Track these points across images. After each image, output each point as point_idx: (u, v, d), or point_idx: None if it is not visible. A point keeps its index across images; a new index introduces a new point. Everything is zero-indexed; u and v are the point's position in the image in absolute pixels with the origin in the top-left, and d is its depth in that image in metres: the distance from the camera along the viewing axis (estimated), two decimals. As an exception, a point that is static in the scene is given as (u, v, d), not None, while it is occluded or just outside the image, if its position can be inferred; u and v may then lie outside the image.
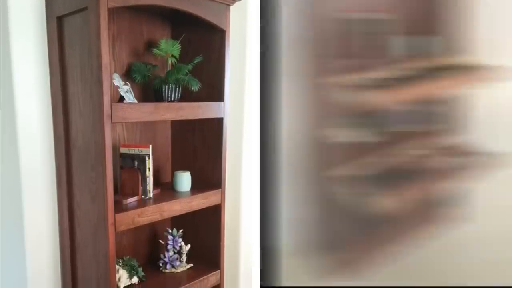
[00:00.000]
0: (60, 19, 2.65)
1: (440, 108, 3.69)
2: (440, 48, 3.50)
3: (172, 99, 3.02)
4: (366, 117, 3.39)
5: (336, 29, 3.14)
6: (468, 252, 3.46)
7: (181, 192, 3.15)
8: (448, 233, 3.66)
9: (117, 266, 2.90)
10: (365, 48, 3.31)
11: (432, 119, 3.69)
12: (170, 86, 2.99)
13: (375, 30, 3.30)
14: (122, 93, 2.81)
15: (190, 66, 3.04)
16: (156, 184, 3.16)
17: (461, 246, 3.53)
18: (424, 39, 3.51)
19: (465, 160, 3.42)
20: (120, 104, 2.59)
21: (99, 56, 2.39)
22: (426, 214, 3.65)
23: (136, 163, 2.97)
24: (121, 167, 3.00)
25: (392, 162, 3.42)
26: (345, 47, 3.28)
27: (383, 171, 3.31)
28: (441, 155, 3.53)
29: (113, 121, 2.48)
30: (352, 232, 3.37)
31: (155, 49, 3.01)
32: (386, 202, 2.91)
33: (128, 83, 2.89)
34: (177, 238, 3.25)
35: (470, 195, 3.76)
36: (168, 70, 3.06)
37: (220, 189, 3.21)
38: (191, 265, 3.30)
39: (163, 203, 2.88)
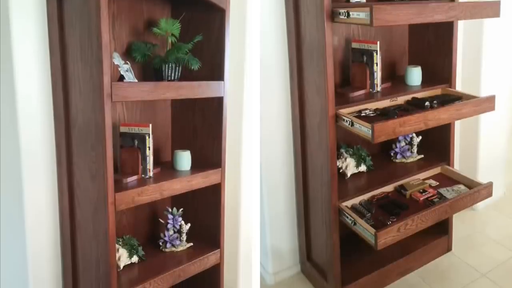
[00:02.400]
0: (60, -2, 2.64)
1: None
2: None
3: (172, 78, 3.02)
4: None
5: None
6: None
7: (181, 171, 3.16)
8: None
9: (117, 245, 2.91)
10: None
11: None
12: (170, 65, 2.99)
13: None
14: (122, 72, 2.81)
15: (190, 45, 3.04)
16: (156, 163, 3.16)
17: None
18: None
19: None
20: (120, 83, 2.59)
21: (99, 35, 2.38)
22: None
23: (136, 142, 2.97)
24: (121, 146, 3.01)
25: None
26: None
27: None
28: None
29: (113, 100, 2.48)
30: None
31: (155, 28, 3.01)
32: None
33: (128, 62, 2.88)
34: (177, 217, 3.25)
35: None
36: (168, 49, 3.05)
37: (220, 168, 3.22)
38: (191, 244, 3.31)
39: (163, 182, 2.89)
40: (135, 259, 3.03)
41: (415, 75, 3.52)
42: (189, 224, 3.28)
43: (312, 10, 2.92)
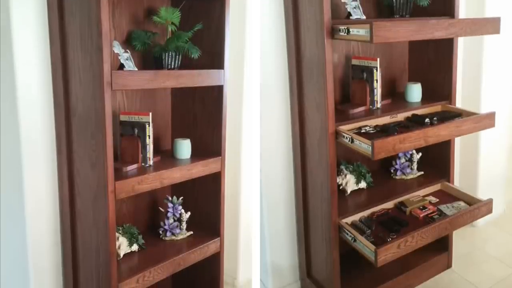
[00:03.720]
0: (59, -14, 2.64)
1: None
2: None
3: (172, 66, 3.02)
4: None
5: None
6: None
7: (181, 159, 3.16)
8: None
9: (117, 234, 2.91)
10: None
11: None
12: (170, 54, 2.99)
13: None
14: (122, 61, 2.81)
15: (190, 34, 3.04)
16: (156, 151, 3.16)
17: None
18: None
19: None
20: (120, 71, 2.59)
21: (99, 23, 2.38)
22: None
23: (136, 130, 2.97)
24: (121, 135, 3.01)
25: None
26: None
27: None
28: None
29: (113, 89, 2.48)
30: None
31: (155, 17, 3.00)
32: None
33: (128, 51, 2.88)
34: (177, 205, 3.26)
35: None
36: (168, 37, 3.05)
37: (220, 157, 3.22)
38: (191, 232, 3.31)
39: (163, 171, 2.89)
40: (135, 247, 3.04)
41: (415, 92, 3.51)
42: (189, 213, 3.29)
43: (312, 27, 2.91)
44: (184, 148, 3.18)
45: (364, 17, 3.20)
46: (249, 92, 3.58)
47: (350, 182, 3.41)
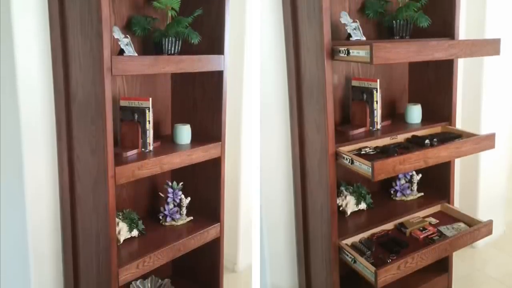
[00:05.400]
0: (59, -28, 2.63)
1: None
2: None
3: (172, 52, 3.02)
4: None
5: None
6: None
7: (181, 145, 3.16)
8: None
9: (117, 219, 2.92)
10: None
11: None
12: (170, 39, 2.98)
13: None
14: (122, 46, 2.81)
15: (190, 19, 3.03)
16: (156, 137, 3.16)
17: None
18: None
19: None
20: (120, 57, 2.59)
21: (99, 9, 2.38)
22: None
23: (136, 116, 2.97)
24: (121, 120, 3.01)
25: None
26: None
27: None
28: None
29: (113, 74, 2.48)
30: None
31: (155, 2, 2.99)
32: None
33: (128, 36, 2.88)
34: (177, 191, 3.26)
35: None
36: (168, 23, 3.04)
37: (220, 142, 3.22)
38: (191, 218, 3.32)
39: (163, 156, 2.89)
40: (135, 233, 3.04)
41: (415, 113, 3.50)
42: (189, 198, 3.29)
43: (312, 48, 2.89)
44: (184, 133, 3.18)
45: (364, 38, 3.21)
46: (249, 77, 3.58)
47: (350, 203, 3.40)
